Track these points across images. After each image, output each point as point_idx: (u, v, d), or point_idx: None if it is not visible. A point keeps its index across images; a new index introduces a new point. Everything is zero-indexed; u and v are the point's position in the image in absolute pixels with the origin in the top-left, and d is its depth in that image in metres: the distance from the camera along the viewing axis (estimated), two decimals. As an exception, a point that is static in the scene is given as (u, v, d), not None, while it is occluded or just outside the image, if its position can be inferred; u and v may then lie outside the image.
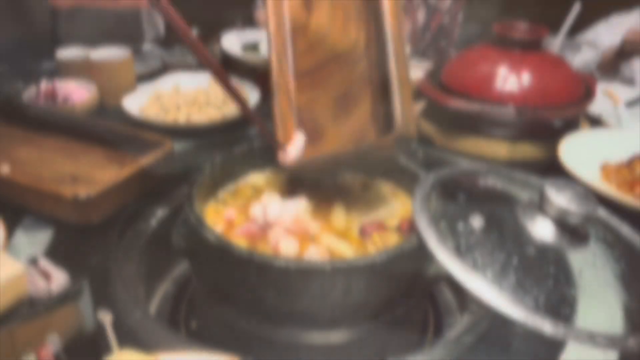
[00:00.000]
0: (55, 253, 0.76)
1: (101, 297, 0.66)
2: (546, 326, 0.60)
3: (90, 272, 0.71)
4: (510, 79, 1.06)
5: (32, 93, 1.17)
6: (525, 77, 1.06)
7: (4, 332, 0.49)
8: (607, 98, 1.32)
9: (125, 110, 1.15)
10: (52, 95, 1.14)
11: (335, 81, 0.85)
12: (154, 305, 0.92)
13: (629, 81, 1.74)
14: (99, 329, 0.59)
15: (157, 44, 1.73)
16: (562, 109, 1.04)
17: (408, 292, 0.76)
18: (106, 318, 0.48)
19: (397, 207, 0.86)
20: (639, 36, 1.64)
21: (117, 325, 0.60)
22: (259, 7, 1.93)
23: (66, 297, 0.53)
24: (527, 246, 0.72)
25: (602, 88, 1.37)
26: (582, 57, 1.94)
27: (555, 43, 1.43)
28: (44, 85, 1.17)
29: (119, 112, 1.20)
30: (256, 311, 0.72)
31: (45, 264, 0.54)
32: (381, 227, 0.79)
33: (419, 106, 1.22)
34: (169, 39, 1.73)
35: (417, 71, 1.25)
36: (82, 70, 1.25)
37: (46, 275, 0.53)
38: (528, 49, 1.09)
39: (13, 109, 1.09)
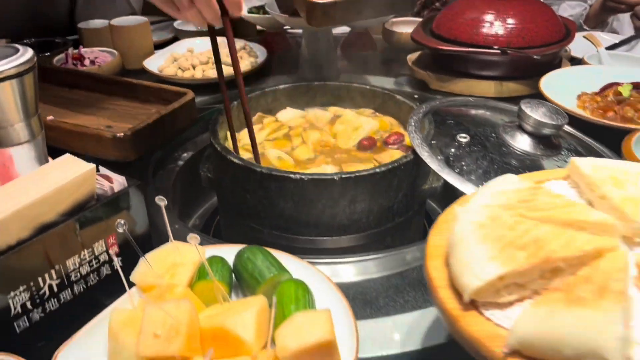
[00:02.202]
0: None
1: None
2: None
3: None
4: (495, 24, 1.17)
5: (61, 59, 1.29)
6: (509, 21, 1.16)
7: (76, 221, 0.61)
8: (589, 42, 1.42)
9: (147, 69, 1.27)
10: (80, 59, 1.26)
11: None
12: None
13: (615, 32, 1.84)
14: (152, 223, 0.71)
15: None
16: (542, 48, 1.15)
17: (406, 204, 0.87)
18: (162, 202, 0.59)
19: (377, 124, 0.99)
20: None
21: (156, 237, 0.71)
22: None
23: (125, 195, 0.65)
24: (507, 156, 0.84)
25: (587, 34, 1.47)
26: (571, 12, 2.03)
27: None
28: (71, 51, 1.29)
29: (140, 74, 1.31)
30: (276, 223, 0.84)
31: (105, 170, 0.66)
32: (372, 140, 0.91)
33: (414, 55, 1.32)
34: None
35: (412, 26, 1.36)
36: (105, 37, 1.37)
37: (107, 178, 0.65)
38: (511, -4, 1.19)
39: (46, 71, 1.20)
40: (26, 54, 0.61)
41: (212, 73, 1.26)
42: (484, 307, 0.47)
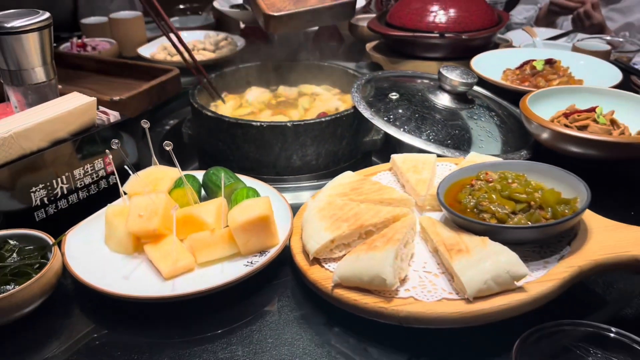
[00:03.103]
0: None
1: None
2: (454, 153, 0.92)
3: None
4: (436, 12, 1.37)
5: (67, 47, 1.50)
6: (448, 11, 1.37)
7: (80, 142, 0.80)
8: (527, 34, 1.63)
9: (141, 55, 1.47)
10: (83, 47, 1.46)
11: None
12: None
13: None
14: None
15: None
16: (475, 33, 1.35)
17: (350, 151, 1.06)
18: (146, 125, 0.78)
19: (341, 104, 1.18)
20: (563, 2, 1.93)
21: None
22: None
23: (118, 124, 0.84)
24: (429, 108, 1.03)
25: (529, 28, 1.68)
26: (526, 15, 2.25)
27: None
28: (75, 40, 1.49)
29: (135, 60, 1.51)
30: (242, 165, 1.03)
31: (104, 108, 0.85)
32: (325, 114, 1.11)
33: (372, 44, 1.53)
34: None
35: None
36: (104, 31, 1.58)
37: (105, 113, 0.84)
38: (450, -10, 1.40)
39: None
40: (44, 15, 0.81)
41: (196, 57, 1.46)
42: (324, 262, 0.71)
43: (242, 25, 1.81)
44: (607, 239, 0.68)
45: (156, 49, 1.53)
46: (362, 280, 0.63)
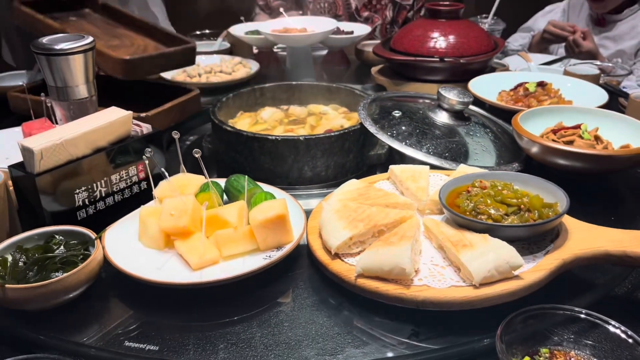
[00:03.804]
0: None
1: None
2: (451, 165, 1.01)
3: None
4: (437, 39, 1.49)
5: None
6: (447, 37, 1.48)
7: (117, 150, 0.90)
8: (522, 59, 1.74)
9: (163, 77, 1.59)
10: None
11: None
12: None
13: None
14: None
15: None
16: (472, 57, 1.46)
17: (356, 164, 1.16)
18: (176, 135, 0.88)
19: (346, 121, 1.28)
20: (555, 29, 2.05)
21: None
22: (257, 14, 2.39)
23: (150, 135, 0.94)
24: (429, 125, 1.13)
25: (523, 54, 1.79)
26: (521, 42, 2.36)
27: (485, 21, 1.86)
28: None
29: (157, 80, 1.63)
30: (258, 176, 1.12)
31: (136, 121, 0.95)
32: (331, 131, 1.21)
33: (377, 67, 1.64)
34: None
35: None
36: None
37: (139, 125, 0.94)
38: (449, 18, 1.51)
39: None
40: (88, 39, 0.92)
41: (213, 79, 1.57)
42: (343, 257, 0.81)
43: (255, 50, 1.93)
44: (584, 238, 0.79)
45: (176, 72, 1.64)
46: (383, 270, 0.73)
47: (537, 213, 0.80)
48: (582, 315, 0.65)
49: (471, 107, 1.21)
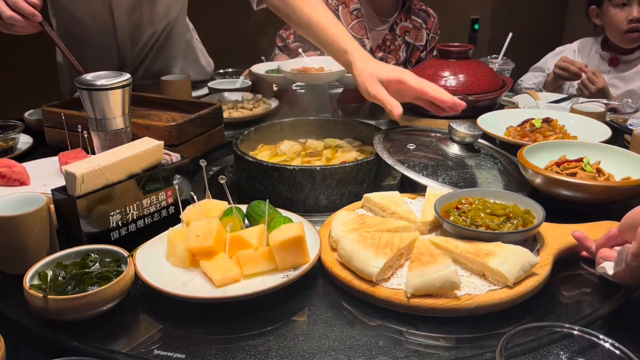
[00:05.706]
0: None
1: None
2: None
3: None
4: (447, 77, 1.57)
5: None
6: (458, 76, 1.56)
7: (148, 177, 0.98)
8: (531, 97, 1.81)
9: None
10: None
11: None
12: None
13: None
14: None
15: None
16: (481, 95, 1.54)
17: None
18: (203, 164, 0.96)
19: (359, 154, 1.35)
20: (566, 63, 2.12)
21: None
22: (277, 54, 2.50)
23: (180, 164, 1.02)
24: (442, 156, 1.20)
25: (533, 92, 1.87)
26: (535, 81, 2.44)
27: (495, 61, 1.95)
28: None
29: (181, 116, 1.72)
30: (277, 204, 1.19)
31: (167, 150, 1.04)
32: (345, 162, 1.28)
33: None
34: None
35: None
36: (156, 88, 1.81)
37: (169, 154, 1.02)
38: (459, 58, 1.60)
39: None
40: (126, 75, 1.01)
41: (235, 114, 1.66)
42: (380, 282, 0.86)
43: (275, 88, 2.03)
44: (557, 235, 0.95)
45: (201, 107, 1.74)
46: (435, 287, 0.81)
47: (521, 219, 0.93)
48: (576, 332, 0.69)
49: (480, 140, 1.28)
